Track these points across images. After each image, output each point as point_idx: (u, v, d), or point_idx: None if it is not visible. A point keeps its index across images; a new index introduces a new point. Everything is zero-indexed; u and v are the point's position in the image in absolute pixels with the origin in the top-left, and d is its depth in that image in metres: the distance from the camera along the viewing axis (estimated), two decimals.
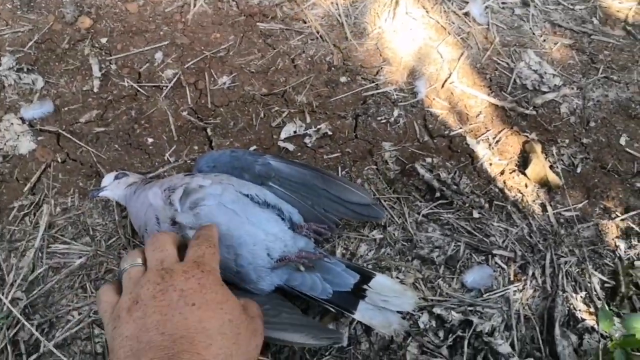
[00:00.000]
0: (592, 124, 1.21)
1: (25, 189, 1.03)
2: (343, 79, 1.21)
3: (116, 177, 0.98)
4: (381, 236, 1.04)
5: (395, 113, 1.18)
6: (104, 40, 1.20)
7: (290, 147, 1.12)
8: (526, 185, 1.12)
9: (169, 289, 0.62)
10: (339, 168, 1.11)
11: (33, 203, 1.01)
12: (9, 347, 0.88)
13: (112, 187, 0.97)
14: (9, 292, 0.92)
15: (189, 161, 1.09)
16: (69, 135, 1.09)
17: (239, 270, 0.84)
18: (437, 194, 1.08)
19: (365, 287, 0.88)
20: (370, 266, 0.99)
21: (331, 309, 0.88)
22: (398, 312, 0.88)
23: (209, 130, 1.13)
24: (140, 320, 0.59)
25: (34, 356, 0.89)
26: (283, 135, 1.13)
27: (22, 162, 1.06)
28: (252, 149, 1.11)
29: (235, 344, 0.62)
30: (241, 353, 0.62)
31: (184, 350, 0.56)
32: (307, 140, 1.13)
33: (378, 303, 0.87)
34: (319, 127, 1.14)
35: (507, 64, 1.27)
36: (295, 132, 1.14)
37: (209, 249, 0.70)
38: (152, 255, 0.68)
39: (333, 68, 1.23)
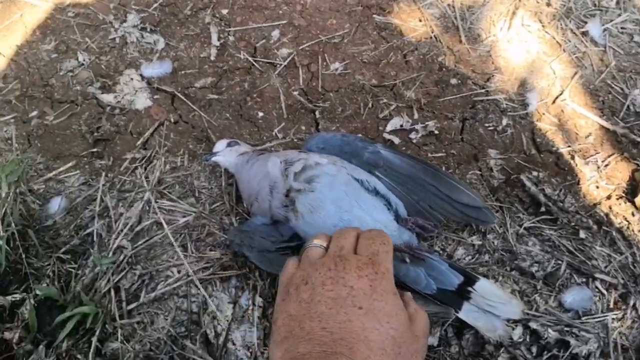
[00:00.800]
0: None
1: (138, 142, 1.05)
2: (453, 81, 1.20)
3: (229, 145, 0.99)
4: (480, 242, 1.02)
5: (504, 122, 1.16)
6: (224, 11, 1.22)
7: (396, 140, 1.11)
8: (633, 214, 1.08)
9: (340, 282, 0.60)
10: (443, 168, 1.09)
11: (144, 157, 1.04)
12: (112, 292, 0.90)
13: (225, 154, 0.98)
14: (115, 240, 0.95)
15: (295, 139, 1.09)
16: (183, 98, 1.11)
17: None
18: (542, 209, 1.05)
19: (469, 289, 0.86)
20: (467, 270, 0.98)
21: (436, 302, 0.87)
22: (504, 318, 0.86)
23: (317, 112, 1.13)
24: (306, 305, 0.59)
25: (134, 304, 0.90)
26: (389, 128, 1.13)
27: (137, 117, 1.09)
28: None
29: None
30: None
31: (341, 353, 0.54)
32: (412, 135, 1.13)
33: (483, 306, 0.86)
34: (426, 124, 1.13)
35: (622, 89, 1.24)
36: (401, 126, 1.13)
37: (383, 246, 0.68)
38: (335, 242, 0.68)
39: (444, 69, 1.22)
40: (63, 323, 0.85)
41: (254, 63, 1.17)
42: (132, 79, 1.11)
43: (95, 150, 1.04)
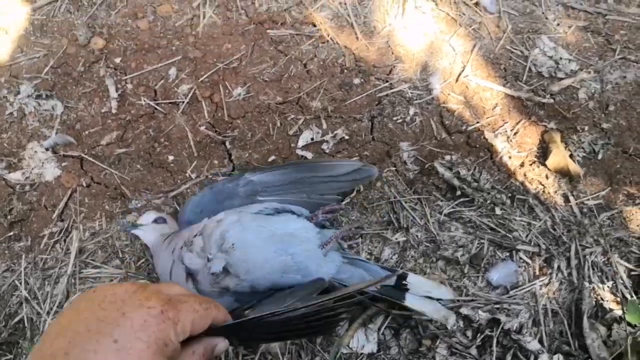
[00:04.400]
0: (612, 107, 1.19)
1: (54, 215, 1.05)
2: (356, 81, 1.21)
3: (155, 221, 0.99)
4: (404, 239, 1.05)
5: (411, 112, 1.18)
6: (117, 60, 1.21)
7: (309, 155, 1.13)
8: (547, 177, 1.11)
9: (117, 303, 0.52)
10: None
11: (62, 230, 1.04)
12: None
13: (147, 229, 0.98)
14: (46, 321, 0.96)
15: (209, 176, 1.10)
16: (91, 159, 1.11)
17: (298, 267, 0.86)
18: (458, 192, 1.08)
19: (404, 282, 0.90)
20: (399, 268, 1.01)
21: (377, 305, 0.94)
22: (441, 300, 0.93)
23: (227, 143, 1.14)
24: None
25: None
26: (301, 143, 1.14)
27: (48, 189, 1.09)
28: (270, 159, 1.12)
29: None
30: None
31: None
32: (324, 146, 1.14)
33: (422, 294, 0.91)
34: (335, 132, 1.15)
35: (521, 52, 1.26)
36: (312, 139, 1.14)
37: (196, 304, 0.57)
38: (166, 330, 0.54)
39: (345, 70, 1.22)
40: None
41: (156, 107, 1.17)
42: (36, 151, 1.10)
43: (11, 233, 1.04)
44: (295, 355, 0.92)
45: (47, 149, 1.11)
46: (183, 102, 1.17)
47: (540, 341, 0.95)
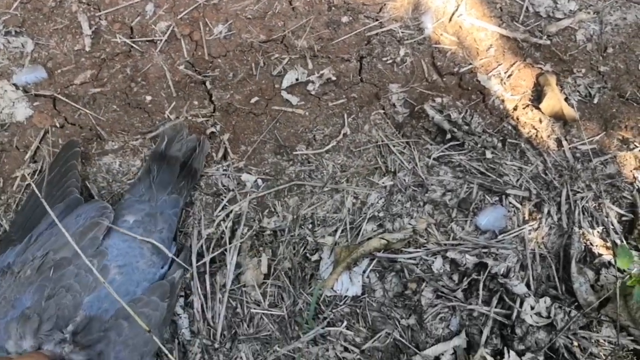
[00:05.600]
0: (610, 50, 1.15)
1: (27, 157, 1.01)
2: (345, 19, 1.15)
3: None
4: (391, 183, 1.01)
5: (402, 52, 1.13)
6: None
7: (294, 99, 1.08)
8: (540, 121, 1.08)
9: None
10: (345, 115, 1.07)
11: (35, 171, 1.00)
12: None
13: None
14: None
15: (190, 117, 1.06)
16: (64, 99, 1.06)
17: None
18: (448, 136, 1.04)
19: None
20: (381, 214, 0.98)
21: None
22: None
23: (208, 83, 1.09)
24: None
25: None
26: (285, 84, 1.09)
27: (20, 130, 1.04)
28: (254, 100, 1.07)
29: None
30: None
31: None
32: (310, 87, 1.09)
33: None
34: (322, 72, 1.09)
35: None
36: (297, 79, 1.09)
37: None
38: None
39: (333, 7, 1.16)
40: None
41: (132, 45, 1.10)
42: (5, 90, 1.04)
43: None
44: (277, 298, 0.90)
45: (17, 88, 1.05)
46: (161, 40, 1.11)
47: (527, 285, 0.93)
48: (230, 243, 0.92)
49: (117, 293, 0.71)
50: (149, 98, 1.07)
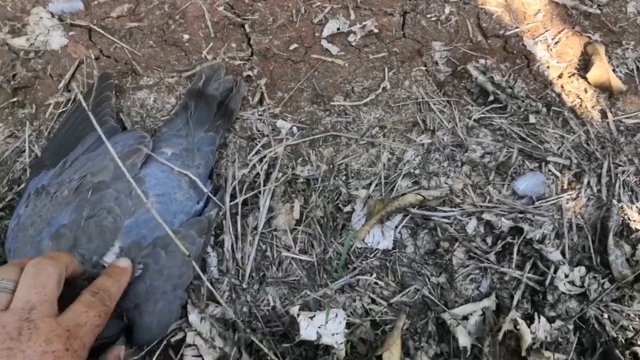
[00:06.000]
0: None
1: (60, 85, 0.99)
2: None
3: None
4: (429, 141, 0.99)
5: (447, 10, 1.09)
6: None
7: (334, 49, 1.05)
8: (586, 91, 1.04)
9: (17, 356, 0.48)
10: (385, 69, 1.04)
11: (69, 100, 0.98)
12: None
13: None
14: None
15: (227, 59, 1.03)
16: (101, 31, 1.03)
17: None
18: (491, 98, 1.01)
19: None
20: (417, 172, 0.95)
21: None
22: None
23: (246, 26, 1.06)
24: None
25: None
26: (326, 33, 1.06)
27: (54, 58, 1.01)
28: (293, 47, 1.04)
29: None
30: None
31: None
32: (351, 38, 1.06)
33: None
34: (364, 24, 1.06)
35: None
36: (338, 29, 1.06)
37: (95, 318, 0.55)
38: (25, 292, 0.52)
39: None
40: None
41: None
42: (41, 17, 1.02)
43: (15, 99, 0.97)
44: (307, 245, 0.88)
45: (53, 16, 1.03)
46: None
47: (562, 253, 0.91)
48: (264, 186, 0.90)
49: (154, 222, 0.70)
50: (186, 37, 1.04)
